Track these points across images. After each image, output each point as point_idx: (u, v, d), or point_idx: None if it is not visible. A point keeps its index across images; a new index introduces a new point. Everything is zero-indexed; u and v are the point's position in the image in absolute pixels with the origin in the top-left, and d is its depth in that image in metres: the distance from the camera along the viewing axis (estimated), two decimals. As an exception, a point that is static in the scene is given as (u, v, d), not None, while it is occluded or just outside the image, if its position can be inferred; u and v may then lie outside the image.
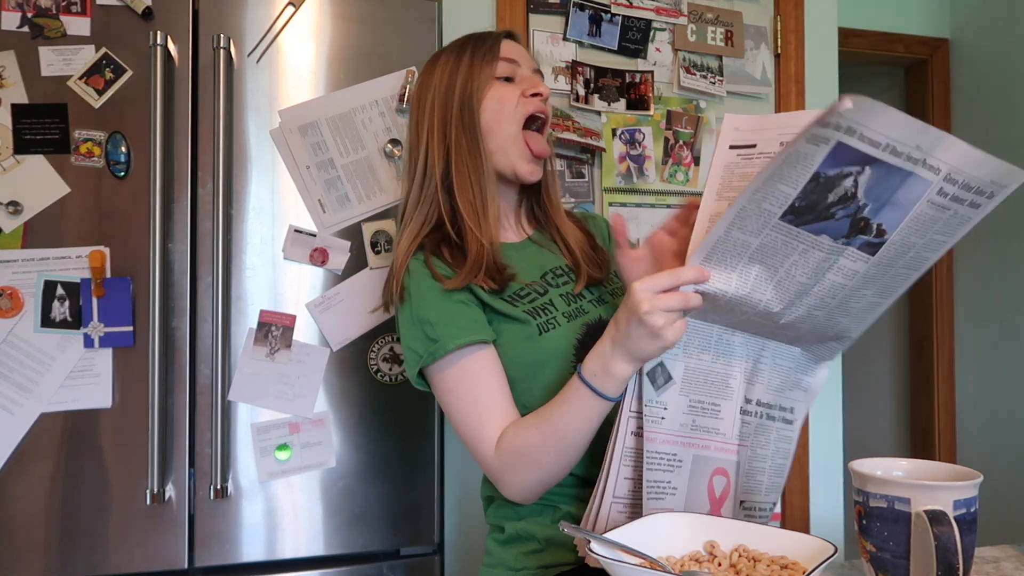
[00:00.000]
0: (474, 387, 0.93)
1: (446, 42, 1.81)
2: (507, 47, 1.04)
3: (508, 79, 1.03)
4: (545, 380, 0.96)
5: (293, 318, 1.46)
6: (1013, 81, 2.43)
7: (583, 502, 0.97)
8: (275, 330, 1.45)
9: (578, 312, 1.01)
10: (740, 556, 0.72)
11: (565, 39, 1.88)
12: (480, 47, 1.03)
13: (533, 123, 1.04)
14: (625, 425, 0.82)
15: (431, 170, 1.01)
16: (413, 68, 1.52)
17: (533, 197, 1.13)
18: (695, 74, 1.95)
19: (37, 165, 1.37)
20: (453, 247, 1.00)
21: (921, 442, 2.81)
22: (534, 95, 1.02)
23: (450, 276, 0.96)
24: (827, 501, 2.07)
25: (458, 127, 1.00)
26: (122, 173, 1.41)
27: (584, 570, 0.93)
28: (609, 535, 0.70)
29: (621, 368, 0.80)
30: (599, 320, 1.01)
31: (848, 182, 0.66)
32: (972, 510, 0.70)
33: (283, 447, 1.45)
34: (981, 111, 2.58)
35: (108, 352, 1.38)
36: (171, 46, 1.43)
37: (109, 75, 1.40)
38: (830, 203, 0.67)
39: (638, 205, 1.90)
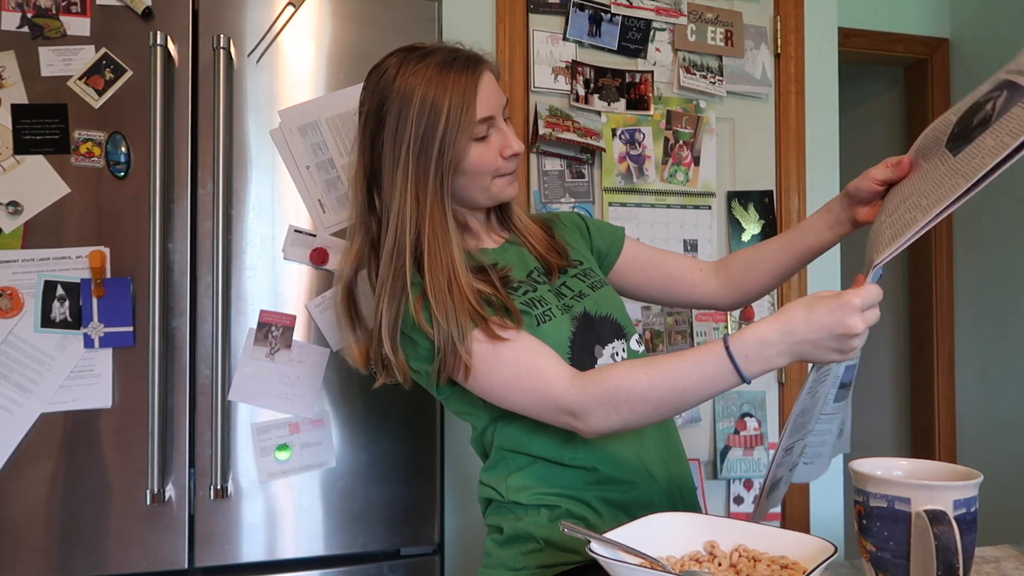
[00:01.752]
0: (518, 342, 0.93)
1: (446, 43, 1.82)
2: (484, 99, 0.97)
3: (483, 138, 0.99)
4: None
5: (293, 318, 1.46)
6: (1013, 81, 2.43)
7: (581, 502, 0.97)
8: (275, 330, 1.45)
9: (566, 308, 1.02)
10: (740, 556, 0.72)
11: (565, 39, 1.88)
12: (456, 96, 0.95)
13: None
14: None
15: (401, 233, 0.96)
16: (413, 68, 1.52)
17: (499, 206, 1.12)
18: (695, 74, 1.95)
19: (37, 165, 1.37)
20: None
21: (921, 442, 2.81)
22: (512, 156, 1.01)
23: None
24: (827, 501, 2.07)
25: (433, 189, 0.96)
26: (122, 173, 1.41)
27: (584, 570, 0.93)
28: (609, 535, 0.70)
29: (781, 362, 0.81)
30: (583, 313, 1.02)
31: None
32: (972, 510, 0.70)
33: (283, 447, 1.45)
34: (981, 111, 2.58)
35: (108, 352, 1.38)
36: (171, 46, 1.43)
37: (109, 75, 1.40)
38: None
39: (638, 205, 1.90)
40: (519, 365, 0.92)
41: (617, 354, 1.03)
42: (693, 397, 0.86)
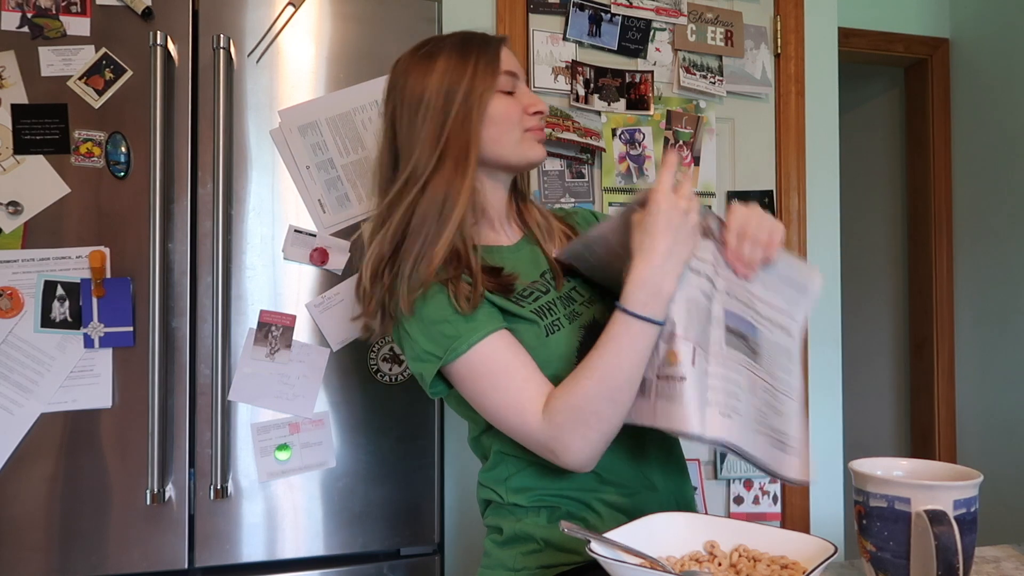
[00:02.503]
0: (506, 365, 0.91)
1: (446, 42, 1.82)
2: (507, 58, 1.02)
3: (509, 93, 1.01)
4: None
5: (293, 318, 1.46)
6: (1013, 81, 2.43)
7: (581, 503, 0.97)
8: (275, 330, 1.45)
9: (575, 315, 1.00)
10: (740, 556, 0.72)
11: (565, 39, 1.88)
12: (484, 54, 0.99)
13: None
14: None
15: (414, 177, 0.97)
16: (413, 68, 1.52)
17: (520, 199, 1.12)
18: (695, 74, 1.95)
19: (37, 165, 1.37)
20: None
21: (921, 442, 2.81)
22: (536, 112, 1.03)
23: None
24: (827, 501, 2.07)
25: (454, 137, 0.96)
26: (122, 173, 1.41)
27: (584, 570, 0.93)
28: (609, 535, 0.70)
29: (670, 284, 0.84)
30: (592, 321, 1.00)
31: None
32: (972, 510, 0.70)
33: (283, 447, 1.45)
34: (981, 111, 2.58)
35: (108, 352, 1.38)
36: (171, 46, 1.43)
37: (109, 75, 1.40)
38: None
39: (638, 205, 1.90)
40: (493, 378, 0.91)
41: None
42: (634, 375, 0.86)
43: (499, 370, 0.91)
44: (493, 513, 1.02)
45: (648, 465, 1.00)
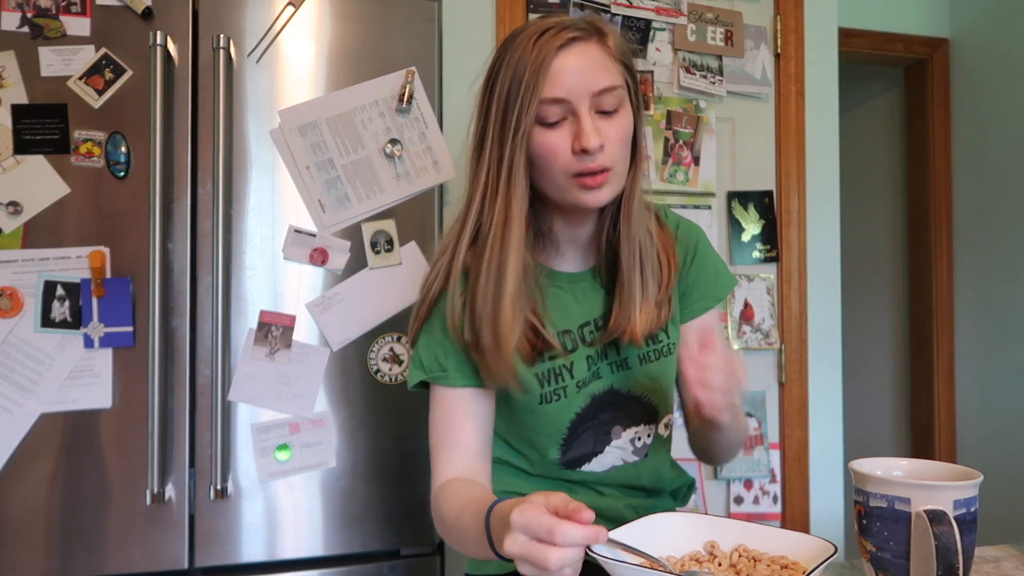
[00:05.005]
0: (452, 422, 0.91)
1: (446, 42, 1.82)
2: (561, 76, 0.80)
3: (553, 124, 0.83)
4: (528, 441, 0.95)
5: (293, 318, 1.46)
6: (1013, 81, 2.43)
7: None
8: (275, 330, 1.45)
9: (593, 377, 0.92)
10: (740, 556, 0.72)
11: (565, 39, 1.87)
12: (531, 65, 0.81)
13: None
14: None
15: (468, 208, 0.88)
16: (413, 68, 1.52)
17: (613, 223, 0.92)
18: (695, 74, 1.95)
19: (37, 165, 1.37)
20: None
21: (921, 442, 2.81)
22: (583, 152, 0.81)
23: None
24: (827, 501, 2.07)
25: (493, 163, 0.84)
26: (122, 173, 1.41)
27: (584, 570, 0.92)
28: (609, 535, 0.69)
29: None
30: (609, 390, 0.93)
31: None
32: (972, 510, 0.70)
33: (283, 447, 1.45)
34: (981, 111, 2.58)
35: (108, 352, 1.38)
36: (171, 46, 1.43)
37: (109, 75, 1.40)
38: None
39: (638, 205, 1.90)
40: (441, 424, 0.92)
41: (639, 439, 0.97)
42: (479, 554, 0.76)
43: (447, 422, 0.91)
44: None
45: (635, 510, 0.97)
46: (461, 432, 0.90)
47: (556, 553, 0.57)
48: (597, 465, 0.96)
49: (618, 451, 0.97)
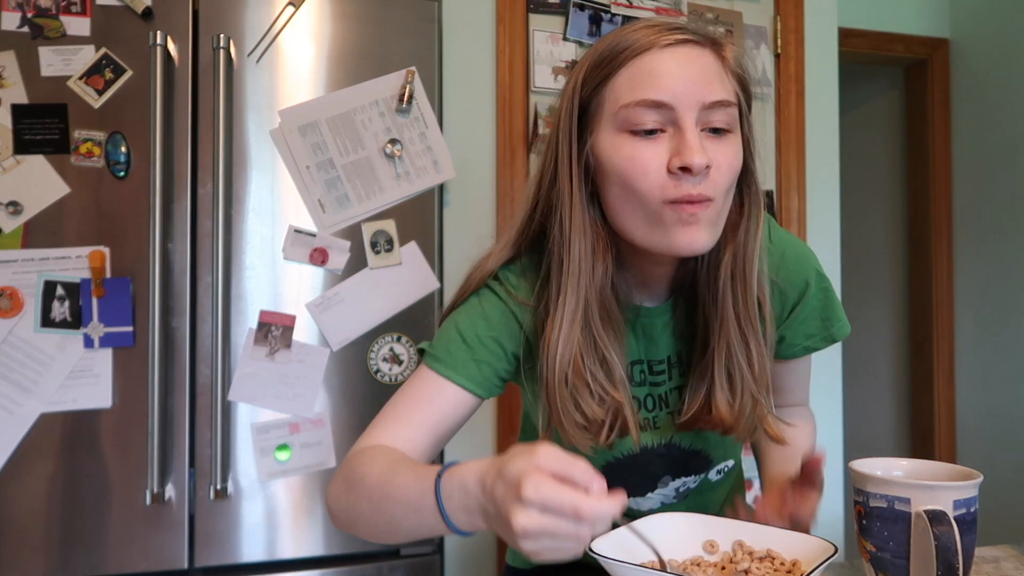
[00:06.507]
0: (419, 404, 0.78)
1: (446, 42, 1.82)
2: (660, 65, 0.66)
3: (649, 132, 0.67)
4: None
5: (293, 318, 1.46)
6: (1013, 81, 2.43)
7: None
8: (275, 330, 1.45)
9: (650, 424, 0.80)
10: (740, 551, 0.72)
11: (565, 39, 1.88)
12: (616, 58, 0.67)
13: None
14: None
15: (530, 210, 0.76)
16: (413, 68, 1.52)
17: (695, 268, 0.78)
18: (695, 74, 1.95)
19: (37, 165, 1.37)
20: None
21: (921, 442, 2.81)
22: (684, 169, 0.65)
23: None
24: (827, 501, 2.07)
25: (556, 191, 0.71)
26: (122, 173, 1.41)
27: (581, 568, 0.92)
28: (609, 535, 0.69)
29: (481, 522, 0.58)
30: (668, 443, 0.81)
31: None
32: (972, 510, 0.70)
33: (283, 447, 1.45)
34: (981, 111, 2.58)
35: (108, 352, 1.38)
36: (171, 46, 1.43)
37: (109, 75, 1.40)
38: None
39: (638, 205, 1.90)
40: (407, 397, 0.78)
41: (684, 486, 0.88)
42: (403, 525, 0.65)
43: (413, 400, 0.78)
44: None
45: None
46: (422, 424, 0.77)
47: (586, 531, 0.51)
48: (632, 504, 0.89)
49: (659, 496, 0.90)
